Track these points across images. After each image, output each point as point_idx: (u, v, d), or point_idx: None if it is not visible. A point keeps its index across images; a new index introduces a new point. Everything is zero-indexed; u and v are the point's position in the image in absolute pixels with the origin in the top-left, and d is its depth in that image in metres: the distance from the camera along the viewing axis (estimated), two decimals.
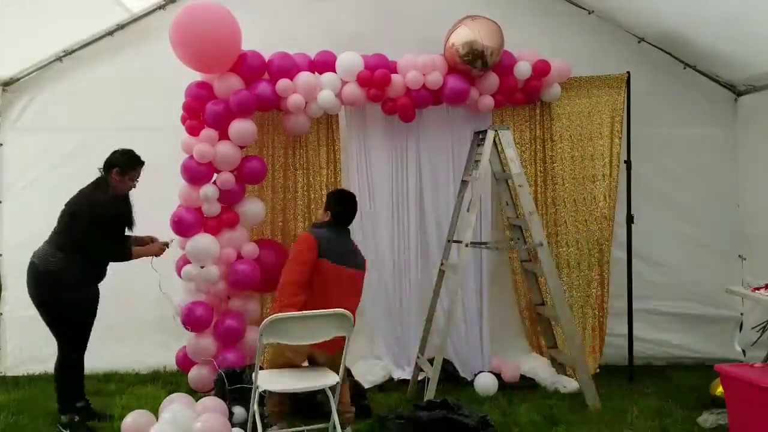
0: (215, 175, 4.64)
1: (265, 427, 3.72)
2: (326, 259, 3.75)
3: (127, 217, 4.19)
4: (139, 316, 5.07)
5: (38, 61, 5.12)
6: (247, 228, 4.92)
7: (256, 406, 3.55)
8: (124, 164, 4.11)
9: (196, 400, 4.05)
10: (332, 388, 3.66)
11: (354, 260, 3.94)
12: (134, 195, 5.10)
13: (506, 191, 4.95)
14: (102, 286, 5.20)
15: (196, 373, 4.67)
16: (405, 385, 4.84)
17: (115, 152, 4.15)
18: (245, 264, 4.69)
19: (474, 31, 4.69)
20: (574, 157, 5.19)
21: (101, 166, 4.13)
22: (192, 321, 4.58)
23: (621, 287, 5.11)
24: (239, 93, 4.51)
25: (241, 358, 4.64)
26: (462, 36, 4.71)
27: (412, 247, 5.15)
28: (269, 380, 3.61)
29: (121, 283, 5.15)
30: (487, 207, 5.17)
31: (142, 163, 4.20)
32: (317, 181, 5.09)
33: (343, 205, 4.03)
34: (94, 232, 3.98)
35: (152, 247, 4.31)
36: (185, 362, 4.75)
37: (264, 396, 3.98)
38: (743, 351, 5.34)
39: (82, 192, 4.10)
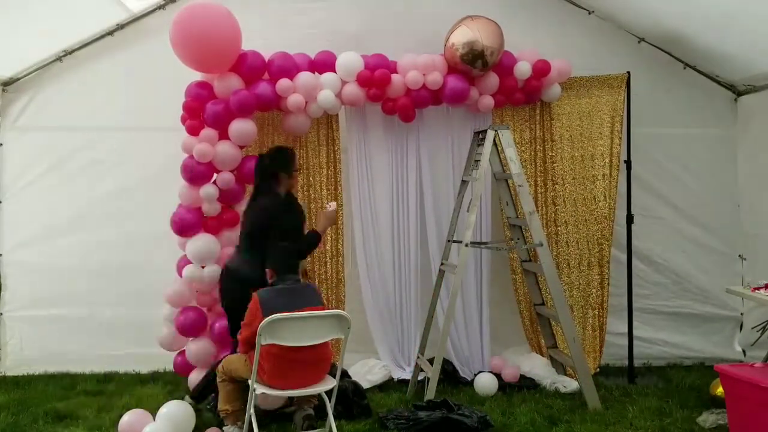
0: (215, 174, 4.63)
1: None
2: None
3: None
4: (140, 317, 5.05)
5: (38, 61, 5.12)
6: None
7: (252, 408, 3.55)
8: (288, 164, 4.42)
9: None
10: (329, 392, 3.69)
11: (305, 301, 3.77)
12: (134, 192, 5.16)
13: (506, 191, 4.94)
14: (103, 286, 5.23)
15: (195, 375, 4.65)
16: (405, 385, 4.83)
17: (266, 158, 4.41)
18: None
19: (474, 31, 4.69)
20: (574, 157, 5.19)
21: (261, 178, 4.37)
22: (186, 327, 4.56)
23: (621, 287, 5.12)
24: (239, 93, 4.51)
25: None
26: (462, 36, 4.71)
27: (412, 247, 5.15)
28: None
29: (122, 284, 5.18)
30: (487, 207, 5.17)
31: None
32: (317, 181, 5.08)
33: (276, 254, 3.93)
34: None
35: (327, 218, 4.50)
36: (184, 366, 4.71)
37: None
38: (743, 351, 5.35)
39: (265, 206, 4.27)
